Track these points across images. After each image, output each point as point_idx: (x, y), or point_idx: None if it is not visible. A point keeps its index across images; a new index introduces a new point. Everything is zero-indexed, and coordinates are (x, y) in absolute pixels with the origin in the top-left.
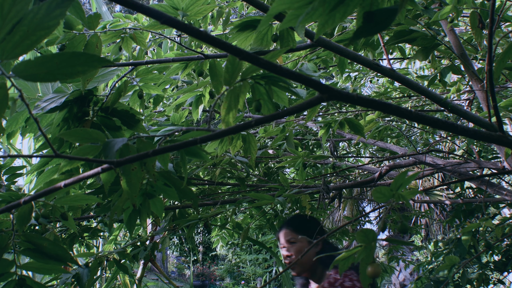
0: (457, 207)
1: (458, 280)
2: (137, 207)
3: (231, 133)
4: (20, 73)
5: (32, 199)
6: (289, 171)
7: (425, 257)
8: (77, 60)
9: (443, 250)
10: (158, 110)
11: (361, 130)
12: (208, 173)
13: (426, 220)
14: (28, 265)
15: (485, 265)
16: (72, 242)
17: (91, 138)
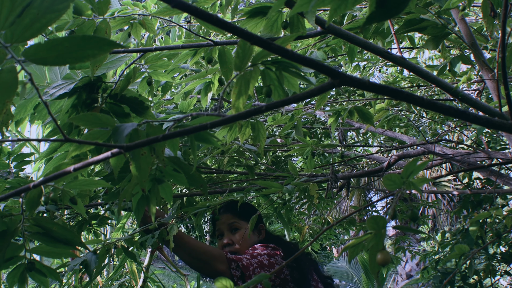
0: (465, 198)
1: (465, 271)
2: (146, 192)
3: (241, 118)
4: (30, 56)
5: (42, 183)
6: (297, 160)
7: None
8: (87, 43)
9: (450, 241)
10: (166, 98)
11: (371, 119)
12: (216, 161)
13: (434, 210)
14: (37, 249)
15: (492, 256)
16: (80, 229)
17: (101, 123)
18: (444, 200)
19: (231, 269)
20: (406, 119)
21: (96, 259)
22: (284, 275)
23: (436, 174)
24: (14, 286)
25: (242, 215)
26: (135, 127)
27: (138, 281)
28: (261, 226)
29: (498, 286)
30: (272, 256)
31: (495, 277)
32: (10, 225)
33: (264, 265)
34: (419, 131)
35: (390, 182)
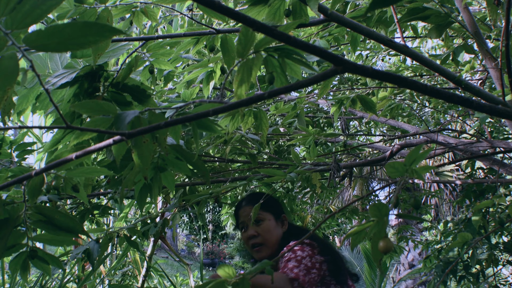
0: (467, 188)
1: (468, 260)
2: (149, 180)
3: (243, 105)
4: (31, 43)
5: (43, 171)
6: (299, 150)
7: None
8: (89, 30)
9: (452, 231)
10: (169, 88)
11: (373, 107)
12: (218, 151)
13: (436, 200)
14: (39, 237)
15: (494, 246)
16: (83, 219)
17: (102, 111)
18: (446, 190)
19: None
20: (408, 109)
21: (98, 247)
22: (323, 271)
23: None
24: (16, 273)
25: (265, 206)
26: (137, 114)
27: (141, 270)
28: (284, 217)
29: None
30: (312, 256)
31: (497, 266)
32: (12, 213)
33: (309, 268)
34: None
35: (393, 170)
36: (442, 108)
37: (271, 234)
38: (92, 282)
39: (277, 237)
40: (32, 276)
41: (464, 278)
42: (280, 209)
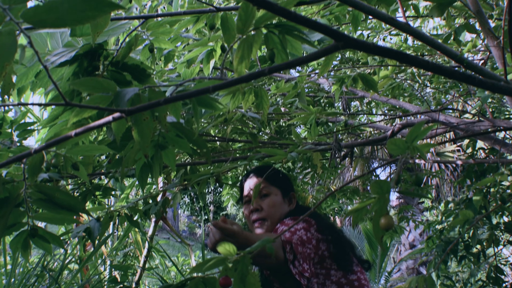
0: (468, 168)
1: (468, 240)
2: (149, 158)
3: (244, 81)
4: (29, 19)
5: (43, 148)
6: (300, 130)
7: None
8: (87, 5)
9: (454, 211)
10: (169, 68)
11: (375, 86)
12: (219, 131)
13: (437, 181)
14: (40, 215)
15: (495, 226)
16: (84, 200)
17: (102, 88)
18: (447, 170)
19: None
20: (410, 89)
21: (99, 226)
22: (322, 251)
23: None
24: (17, 252)
25: (273, 180)
26: (136, 92)
27: (142, 250)
28: (292, 194)
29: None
30: (307, 230)
31: (498, 246)
32: (12, 192)
33: (304, 241)
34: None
35: (394, 147)
36: (444, 88)
37: (276, 210)
38: (94, 263)
39: (282, 215)
40: (34, 258)
41: (465, 258)
42: (289, 185)
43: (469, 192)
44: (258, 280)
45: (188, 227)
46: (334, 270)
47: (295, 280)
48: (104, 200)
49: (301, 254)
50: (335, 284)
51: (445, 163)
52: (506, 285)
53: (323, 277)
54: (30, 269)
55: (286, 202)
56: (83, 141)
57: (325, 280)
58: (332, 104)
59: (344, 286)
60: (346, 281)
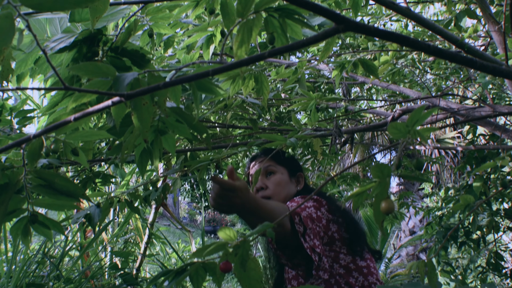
0: (469, 154)
1: (468, 226)
2: (149, 143)
3: (244, 64)
4: (28, 2)
5: (42, 133)
6: (300, 117)
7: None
8: None
9: (454, 197)
10: (169, 54)
11: (375, 71)
12: (219, 117)
13: (437, 167)
14: (39, 201)
15: (495, 212)
16: (84, 187)
17: (101, 73)
18: (447, 157)
19: (294, 224)
20: (410, 75)
21: (99, 212)
22: (332, 232)
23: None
24: (18, 239)
25: (279, 160)
26: (135, 76)
27: (143, 237)
28: (300, 175)
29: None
30: (318, 209)
31: (498, 233)
32: (12, 178)
33: (313, 219)
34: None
35: (395, 131)
36: (444, 74)
37: (281, 189)
38: (95, 250)
39: (288, 194)
40: (34, 245)
41: (465, 244)
42: (296, 165)
43: (469, 178)
44: (258, 265)
45: (188, 214)
46: (343, 254)
47: (303, 256)
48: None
49: (311, 229)
50: (343, 268)
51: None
52: (506, 271)
53: (331, 259)
54: (31, 256)
55: (293, 182)
56: (83, 128)
57: (333, 263)
58: (333, 90)
59: (352, 271)
60: (355, 267)
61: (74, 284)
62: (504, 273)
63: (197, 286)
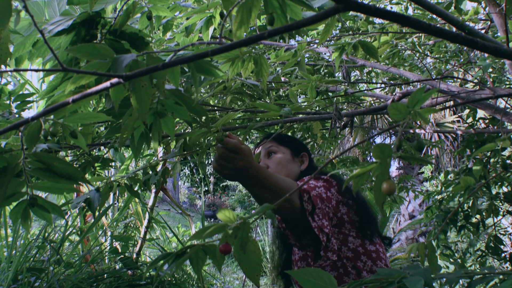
0: (468, 138)
1: (468, 210)
2: (148, 126)
3: (243, 45)
4: None
5: (40, 115)
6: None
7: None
8: None
9: (453, 181)
10: (168, 38)
11: (375, 53)
12: (218, 101)
13: (437, 151)
14: (39, 184)
15: (495, 196)
16: (84, 171)
17: (99, 54)
18: (447, 141)
19: (303, 201)
20: (410, 59)
21: (99, 196)
22: (341, 214)
23: (440, 116)
24: (17, 222)
25: (281, 140)
26: (134, 58)
27: (143, 221)
28: (304, 155)
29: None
30: (328, 189)
31: (497, 217)
32: (10, 161)
33: (323, 199)
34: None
35: (395, 111)
36: (444, 58)
37: (282, 168)
38: (95, 234)
39: (290, 173)
40: (35, 229)
41: (464, 228)
42: (300, 145)
43: (469, 162)
44: (258, 247)
45: (188, 199)
46: (352, 237)
47: (313, 238)
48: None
49: (320, 209)
50: (351, 252)
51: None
52: (505, 255)
53: (340, 242)
54: (31, 241)
55: (296, 161)
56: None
57: (341, 246)
58: (332, 74)
59: (361, 255)
60: (364, 251)
61: (74, 269)
62: (503, 257)
63: (197, 269)
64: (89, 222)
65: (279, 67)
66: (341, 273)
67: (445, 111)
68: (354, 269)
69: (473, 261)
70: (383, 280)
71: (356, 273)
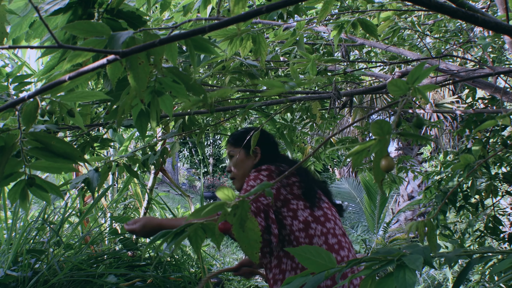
0: (468, 117)
1: (467, 190)
2: (146, 104)
3: (241, 20)
4: None
5: (37, 93)
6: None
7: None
8: None
9: (452, 161)
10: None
11: (374, 31)
12: (217, 82)
13: (436, 132)
14: (36, 164)
15: (494, 176)
16: (83, 152)
17: (96, 32)
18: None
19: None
20: (410, 38)
21: (98, 176)
22: (283, 196)
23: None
24: (15, 203)
25: (235, 142)
26: (131, 35)
27: (142, 203)
28: (256, 148)
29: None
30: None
31: (496, 197)
32: (8, 141)
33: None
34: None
35: (395, 88)
36: (444, 37)
37: (239, 168)
38: (94, 215)
39: (245, 171)
40: (34, 211)
41: (463, 208)
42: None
43: (468, 142)
44: (257, 225)
45: (187, 180)
46: (301, 210)
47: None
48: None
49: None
50: (302, 223)
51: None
52: (504, 235)
53: (291, 218)
54: (31, 223)
55: (250, 158)
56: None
57: (293, 221)
58: (331, 53)
59: (311, 223)
60: (313, 218)
61: (74, 250)
62: (502, 237)
63: (196, 247)
64: (89, 203)
65: (278, 47)
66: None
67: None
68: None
69: (472, 242)
70: (382, 258)
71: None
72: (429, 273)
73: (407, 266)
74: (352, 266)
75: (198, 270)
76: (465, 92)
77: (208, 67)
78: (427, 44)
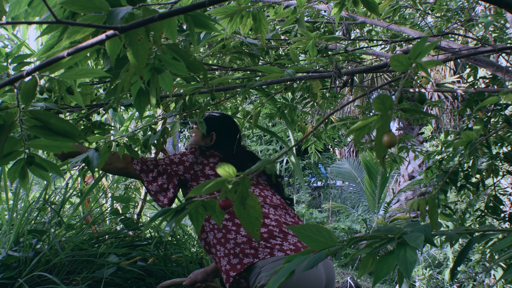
0: (469, 97)
1: (468, 169)
2: (145, 82)
3: None
4: None
5: (35, 70)
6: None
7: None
8: None
9: (453, 140)
10: None
11: (376, 8)
12: (217, 61)
13: (437, 111)
14: (36, 142)
15: (495, 156)
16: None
17: (95, 7)
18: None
19: (132, 163)
20: (411, 18)
21: (98, 155)
22: (194, 171)
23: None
24: (15, 181)
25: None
26: (130, 10)
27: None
28: (212, 133)
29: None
30: (184, 155)
31: (497, 177)
32: (7, 119)
33: (173, 162)
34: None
35: (397, 63)
36: (445, 16)
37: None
38: (95, 196)
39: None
40: (35, 192)
41: (464, 188)
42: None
43: (469, 122)
44: (258, 202)
45: None
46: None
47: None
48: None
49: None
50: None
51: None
52: (504, 215)
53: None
54: (32, 203)
55: (206, 140)
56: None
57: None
58: (332, 32)
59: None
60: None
61: (75, 230)
62: (502, 217)
63: (197, 225)
64: (89, 183)
65: (279, 26)
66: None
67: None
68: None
69: (473, 221)
70: (383, 236)
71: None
72: (430, 252)
73: (408, 244)
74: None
75: (200, 249)
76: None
77: (208, 47)
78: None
